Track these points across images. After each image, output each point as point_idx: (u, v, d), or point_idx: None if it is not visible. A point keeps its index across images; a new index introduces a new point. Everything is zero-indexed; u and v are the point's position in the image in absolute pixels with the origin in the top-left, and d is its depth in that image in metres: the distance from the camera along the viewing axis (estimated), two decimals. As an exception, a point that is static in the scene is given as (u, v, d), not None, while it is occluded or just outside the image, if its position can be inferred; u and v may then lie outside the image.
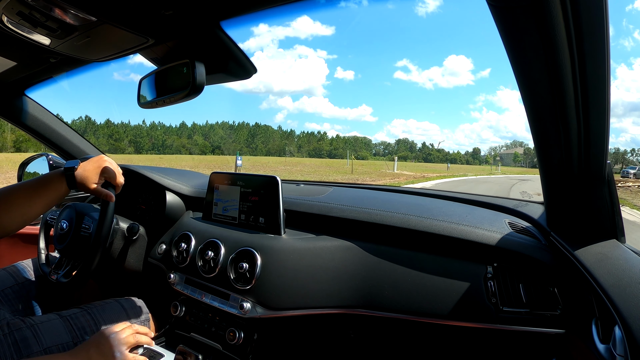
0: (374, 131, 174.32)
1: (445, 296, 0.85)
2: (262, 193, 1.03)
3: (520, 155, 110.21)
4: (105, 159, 0.93)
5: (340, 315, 0.94)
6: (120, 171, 0.95)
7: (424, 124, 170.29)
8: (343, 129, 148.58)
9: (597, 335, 0.65)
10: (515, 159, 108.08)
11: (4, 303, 1.02)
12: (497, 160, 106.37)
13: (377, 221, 0.96)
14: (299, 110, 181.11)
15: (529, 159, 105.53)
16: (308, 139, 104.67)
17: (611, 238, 0.76)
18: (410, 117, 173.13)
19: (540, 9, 0.46)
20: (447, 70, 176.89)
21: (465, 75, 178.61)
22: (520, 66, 0.57)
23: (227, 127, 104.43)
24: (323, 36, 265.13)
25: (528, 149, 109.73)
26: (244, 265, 0.92)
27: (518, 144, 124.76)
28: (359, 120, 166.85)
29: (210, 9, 0.73)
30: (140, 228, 1.22)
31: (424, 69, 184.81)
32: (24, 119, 1.45)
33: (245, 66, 0.88)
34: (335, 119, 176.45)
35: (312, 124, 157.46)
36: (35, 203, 0.85)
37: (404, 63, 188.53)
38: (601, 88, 0.56)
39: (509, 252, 0.84)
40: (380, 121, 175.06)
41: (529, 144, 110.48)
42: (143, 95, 0.93)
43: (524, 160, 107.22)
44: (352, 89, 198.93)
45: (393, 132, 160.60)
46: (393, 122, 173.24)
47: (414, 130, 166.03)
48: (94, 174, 0.89)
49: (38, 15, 0.71)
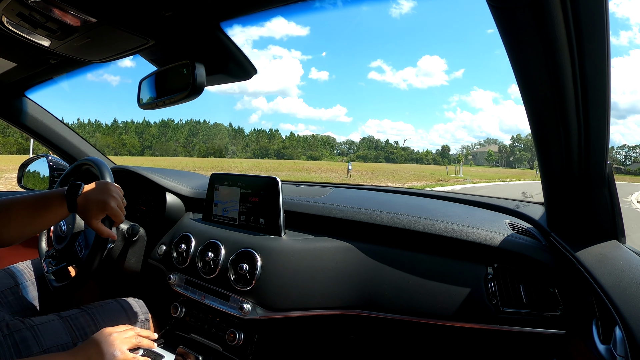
0: (348, 131, 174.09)
1: (446, 297, 0.85)
2: (262, 194, 1.03)
3: (494, 154, 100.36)
4: (111, 191, 0.86)
5: (340, 316, 0.93)
6: (123, 204, 0.89)
7: (398, 124, 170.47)
8: (317, 129, 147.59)
9: (598, 336, 0.65)
10: (489, 158, 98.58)
11: (4, 304, 1.02)
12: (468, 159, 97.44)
13: (377, 222, 0.96)
14: (273, 111, 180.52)
15: (504, 157, 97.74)
16: (257, 137, 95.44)
17: (611, 239, 0.76)
18: (384, 117, 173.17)
19: (540, 9, 0.46)
20: (421, 71, 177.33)
21: (439, 75, 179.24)
22: (520, 66, 0.57)
23: (169, 126, 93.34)
24: (298, 36, 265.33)
25: (503, 147, 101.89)
26: (244, 266, 0.92)
27: (492, 141, 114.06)
28: (333, 121, 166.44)
29: (210, 10, 0.73)
30: (140, 229, 1.22)
31: (398, 70, 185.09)
32: (24, 120, 1.45)
33: (245, 67, 0.88)
34: (309, 119, 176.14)
35: (286, 125, 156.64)
36: (34, 222, 0.82)
37: (378, 63, 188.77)
38: (601, 88, 0.56)
39: (510, 253, 0.84)
40: (354, 121, 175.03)
41: (503, 141, 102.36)
42: (143, 96, 0.93)
43: (498, 159, 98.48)
44: (326, 90, 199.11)
45: (368, 132, 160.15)
46: (368, 122, 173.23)
47: (388, 130, 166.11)
48: (96, 208, 0.82)
49: (38, 16, 0.71)
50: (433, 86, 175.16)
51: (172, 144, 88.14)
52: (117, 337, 0.77)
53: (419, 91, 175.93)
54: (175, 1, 0.69)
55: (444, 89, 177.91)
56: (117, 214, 0.85)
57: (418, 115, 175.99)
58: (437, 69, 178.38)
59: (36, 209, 0.82)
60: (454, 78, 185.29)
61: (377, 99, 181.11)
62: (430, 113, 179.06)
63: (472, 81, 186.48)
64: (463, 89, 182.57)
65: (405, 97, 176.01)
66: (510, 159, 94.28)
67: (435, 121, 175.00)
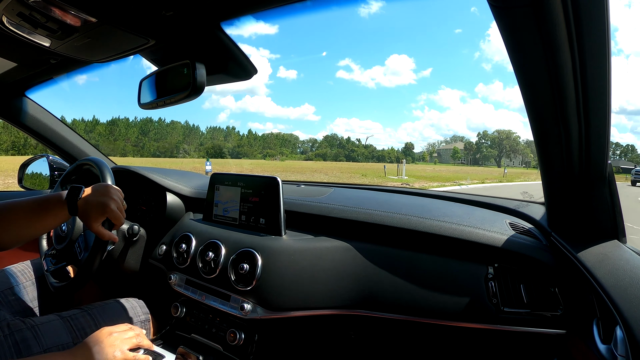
0: (317, 130, 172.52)
1: (446, 297, 0.85)
2: (263, 194, 1.03)
3: (460, 151, 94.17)
4: (111, 193, 0.86)
5: (341, 316, 0.93)
6: (124, 207, 0.89)
7: (366, 123, 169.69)
8: (286, 128, 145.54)
9: (598, 336, 0.65)
10: (454, 155, 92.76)
11: (4, 304, 1.02)
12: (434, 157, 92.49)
13: (377, 222, 0.96)
14: (241, 110, 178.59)
15: (470, 154, 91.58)
16: (212, 136, 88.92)
17: (612, 238, 0.76)
18: (353, 116, 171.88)
19: (541, 9, 0.46)
20: (389, 70, 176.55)
21: (407, 74, 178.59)
22: (520, 66, 0.57)
23: (118, 124, 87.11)
24: (266, 35, 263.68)
25: (469, 144, 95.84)
26: (244, 266, 0.92)
27: (459, 138, 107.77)
28: (301, 119, 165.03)
29: (210, 9, 0.73)
30: (140, 229, 1.22)
31: (366, 69, 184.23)
32: (24, 120, 1.45)
33: (245, 67, 0.88)
34: (278, 118, 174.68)
35: (255, 124, 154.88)
36: (34, 225, 0.82)
37: (347, 62, 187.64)
38: (602, 88, 0.56)
39: (510, 253, 0.84)
40: (323, 120, 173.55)
41: (470, 138, 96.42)
42: (144, 96, 0.93)
43: (464, 157, 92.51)
44: (294, 88, 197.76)
45: (336, 130, 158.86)
46: (336, 120, 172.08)
47: (356, 128, 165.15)
48: (96, 210, 0.83)
49: (38, 16, 0.71)
50: (401, 85, 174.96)
51: (120, 143, 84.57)
52: (118, 336, 0.77)
53: (387, 90, 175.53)
54: (176, 1, 0.69)
55: (412, 88, 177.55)
56: (118, 216, 0.85)
57: (386, 113, 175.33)
58: (405, 68, 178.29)
59: (36, 213, 0.82)
60: (422, 77, 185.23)
61: (345, 97, 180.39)
62: (398, 112, 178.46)
63: (440, 80, 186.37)
64: (431, 88, 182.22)
65: (374, 96, 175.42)
66: (477, 157, 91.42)
67: (403, 120, 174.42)
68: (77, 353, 0.72)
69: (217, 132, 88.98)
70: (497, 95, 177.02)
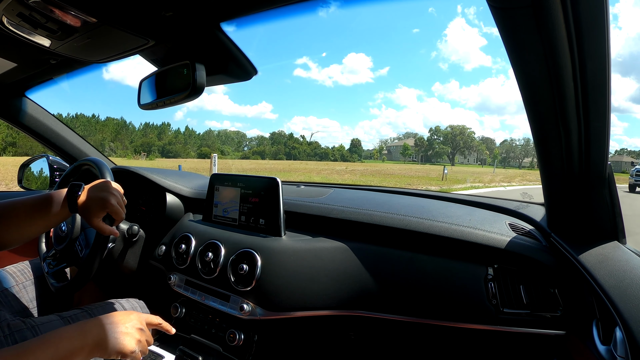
0: (274, 128, 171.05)
1: (446, 298, 0.85)
2: (263, 195, 1.03)
3: (410, 148, 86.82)
4: (111, 189, 0.86)
5: (341, 316, 0.93)
6: (124, 203, 0.88)
7: (323, 121, 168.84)
8: (243, 127, 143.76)
9: (598, 337, 0.65)
10: (404, 152, 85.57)
11: (4, 304, 1.02)
12: (383, 154, 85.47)
13: (377, 222, 0.96)
14: (198, 108, 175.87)
15: (421, 151, 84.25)
16: (144, 133, 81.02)
17: (612, 239, 0.76)
18: (310, 114, 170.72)
19: (541, 9, 0.46)
20: (346, 68, 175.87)
21: (365, 73, 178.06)
22: (520, 67, 0.57)
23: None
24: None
25: (420, 140, 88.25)
26: (244, 267, 0.92)
27: (412, 135, 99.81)
28: (259, 118, 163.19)
29: (210, 10, 0.73)
30: (140, 229, 1.22)
31: (324, 67, 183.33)
32: (24, 121, 1.45)
33: (245, 67, 0.88)
34: (235, 116, 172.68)
35: (212, 122, 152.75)
36: (35, 223, 0.81)
37: (304, 61, 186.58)
38: (601, 88, 0.56)
39: (510, 254, 0.84)
40: (280, 118, 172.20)
41: (423, 135, 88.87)
42: (144, 97, 0.93)
43: (415, 154, 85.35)
44: (252, 86, 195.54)
45: (294, 128, 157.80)
46: (293, 119, 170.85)
47: (314, 126, 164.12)
48: (96, 206, 0.82)
49: (38, 16, 0.71)
50: (359, 83, 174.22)
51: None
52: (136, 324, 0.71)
53: (344, 88, 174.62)
54: (176, 1, 0.69)
55: (370, 86, 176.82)
56: (118, 211, 0.85)
57: (344, 112, 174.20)
58: (362, 67, 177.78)
59: (37, 210, 0.81)
60: (379, 75, 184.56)
61: (303, 96, 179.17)
62: (355, 110, 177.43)
63: (397, 79, 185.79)
64: (388, 87, 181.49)
65: (331, 94, 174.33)
66: (429, 154, 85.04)
67: (360, 118, 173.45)
68: (87, 333, 0.65)
69: (150, 128, 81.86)
70: (453, 94, 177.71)
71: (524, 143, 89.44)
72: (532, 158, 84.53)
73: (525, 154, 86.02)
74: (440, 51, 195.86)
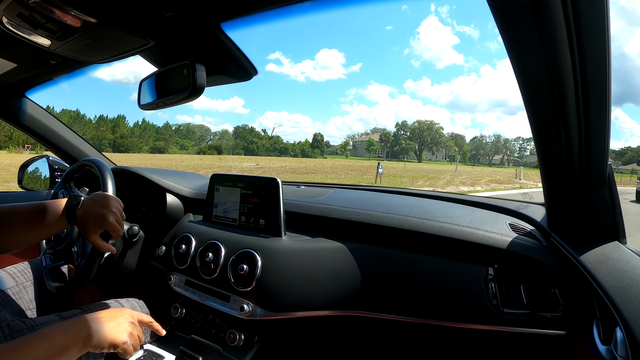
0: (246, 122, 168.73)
1: (446, 298, 0.85)
2: (263, 195, 1.03)
3: (375, 143, 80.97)
4: (110, 205, 0.85)
5: (341, 316, 0.93)
6: (122, 218, 0.88)
7: (295, 116, 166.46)
8: (215, 121, 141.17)
9: (598, 337, 0.65)
10: (369, 148, 79.72)
11: (4, 304, 1.02)
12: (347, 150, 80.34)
13: (377, 223, 0.96)
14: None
15: (387, 147, 78.27)
16: (98, 125, 75.32)
17: (612, 239, 0.76)
18: (282, 110, 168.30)
19: (541, 9, 0.46)
20: (319, 64, 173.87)
21: (337, 69, 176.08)
22: (520, 66, 0.57)
23: None
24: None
25: (386, 135, 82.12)
26: (244, 267, 0.92)
27: (379, 130, 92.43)
28: (230, 112, 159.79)
29: (210, 10, 0.73)
30: (140, 230, 1.22)
31: (296, 62, 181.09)
32: (25, 121, 1.45)
33: (245, 68, 0.89)
34: (206, 111, 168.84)
35: (183, 116, 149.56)
36: (32, 232, 0.82)
37: (277, 56, 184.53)
38: (601, 88, 0.56)
39: (510, 254, 0.84)
40: (252, 113, 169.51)
41: (392, 131, 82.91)
42: (144, 97, 0.93)
43: (381, 149, 79.30)
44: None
45: (265, 124, 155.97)
46: (265, 114, 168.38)
47: (285, 122, 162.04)
48: (94, 222, 0.82)
49: (38, 16, 0.71)
50: (331, 79, 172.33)
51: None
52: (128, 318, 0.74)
53: (317, 84, 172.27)
54: (176, 2, 0.69)
55: (342, 82, 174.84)
56: (116, 229, 0.85)
57: (316, 107, 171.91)
58: (335, 63, 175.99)
59: (35, 219, 0.82)
60: (351, 72, 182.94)
61: (275, 91, 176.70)
62: (327, 105, 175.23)
63: (370, 75, 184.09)
64: (360, 83, 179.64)
65: (303, 90, 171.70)
66: (395, 149, 79.63)
67: (332, 114, 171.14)
68: (80, 325, 0.67)
69: (103, 121, 76.74)
70: (425, 91, 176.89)
71: (494, 140, 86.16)
72: (502, 155, 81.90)
73: (496, 151, 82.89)
74: (413, 49, 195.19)
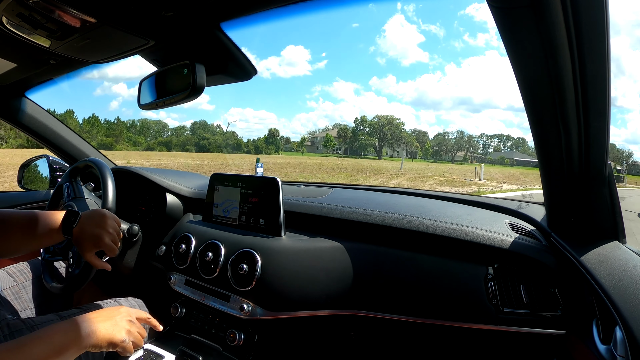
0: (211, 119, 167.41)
1: (446, 297, 0.85)
2: (263, 194, 1.03)
3: (333, 139, 75.74)
4: (106, 225, 0.86)
5: (341, 316, 0.93)
6: (119, 237, 0.89)
7: (260, 113, 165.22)
8: (180, 118, 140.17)
9: (598, 336, 0.65)
10: (327, 144, 75.14)
11: (4, 304, 1.02)
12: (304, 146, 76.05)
13: (377, 222, 0.96)
14: (134, 98, 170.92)
15: (345, 143, 75.10)
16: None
17: (612, 239, 0.76)
18: (247, 106, 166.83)
19: (540, 9, 0.46)
20: (284, 60, 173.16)
21: (303, 65, 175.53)
22: (520, 66, 0.57)
23: None
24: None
25: (344, 130, 78.00)
26: (244, 267, 0.92)
27: (340, 126, 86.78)
28: (196, 109, 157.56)
29: (210, 10, 0.73)
30: (139, 230, 1.22)
31: (262, 59, 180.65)
32: (24, 121, 1.45)
33: (245, 67, 0.89)
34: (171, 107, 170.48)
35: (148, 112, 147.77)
36: (29, 242, 0.83)
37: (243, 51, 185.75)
38: (601, 88, 0.56)
39: (510, 253, 0.84)
40: (217, 109, 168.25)
41: (353, 126, 78.09)
42: (144, 97, 0.93)
43: (339, 145, 75.30)
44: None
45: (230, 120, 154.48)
46: (230, 110, 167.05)
47: (251, 118, 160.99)
48: (90, 242, 0.83)
49: (38, 16, 0.71)
50: (296, 76, 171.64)
51: None
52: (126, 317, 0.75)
53: (282, 80, 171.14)
54: (175, 1, 0.69)
55: (307, 79, 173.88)
56: (112, 249, 0.86)
57: (281, 104, 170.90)
58: (301, 59, 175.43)
59: (32, 229, 0.82)
60: (317, 68, 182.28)
61: (239, 87, 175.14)
62: (293, 102, 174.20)
63: (335, 72, 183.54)
64: (326, 80, 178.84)
65: (268, 86, 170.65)
66: (354, 145, 75.50)
67: (298, 110, 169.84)
68: (79, 325, 0.69)
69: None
70: (390, 88, 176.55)
71: (457, 136, 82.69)
72: (465, 152, 77.62)
73: (459, 148, 79.13)
74: (379, 46, 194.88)
